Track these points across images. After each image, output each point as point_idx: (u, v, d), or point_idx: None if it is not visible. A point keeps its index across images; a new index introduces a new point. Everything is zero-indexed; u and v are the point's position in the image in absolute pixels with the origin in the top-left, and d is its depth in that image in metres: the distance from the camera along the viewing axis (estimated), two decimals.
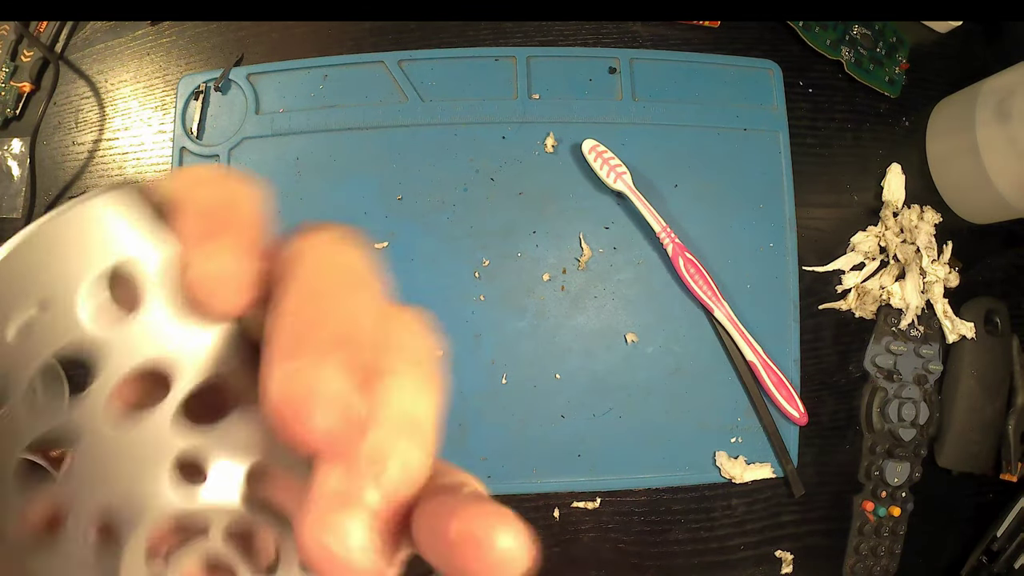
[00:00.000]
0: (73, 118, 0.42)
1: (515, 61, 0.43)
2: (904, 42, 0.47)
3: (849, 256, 0.45)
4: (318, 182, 0.41)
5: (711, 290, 0.41)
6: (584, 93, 0.43)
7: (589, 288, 0.42)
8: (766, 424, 0.42)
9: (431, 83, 0.43)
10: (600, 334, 0.42)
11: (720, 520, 0.43)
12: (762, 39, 0.46)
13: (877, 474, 0.44)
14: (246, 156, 0.41)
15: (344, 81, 0.42)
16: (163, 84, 0.43)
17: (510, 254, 0.42)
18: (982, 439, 0.44)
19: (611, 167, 0.41)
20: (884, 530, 0.43)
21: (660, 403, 0.42)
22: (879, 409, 0.44)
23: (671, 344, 0.42)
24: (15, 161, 0.41)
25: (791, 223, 0.44)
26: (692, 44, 0.45)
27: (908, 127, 0.47)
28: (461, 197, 0.42)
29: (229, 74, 0.41)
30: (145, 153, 0.42)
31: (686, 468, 0.42)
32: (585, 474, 0.41)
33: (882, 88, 0.46)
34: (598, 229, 0.43)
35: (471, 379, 0.41)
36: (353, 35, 0.43)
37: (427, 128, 0.42)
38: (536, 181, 0.42)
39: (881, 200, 0.46)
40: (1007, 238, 0.47)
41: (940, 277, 0.44)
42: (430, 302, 0.41)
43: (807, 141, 0.46)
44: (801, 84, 0.46)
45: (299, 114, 0.42)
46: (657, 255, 0.43)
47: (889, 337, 0.44)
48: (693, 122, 0.44)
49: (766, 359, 0.41)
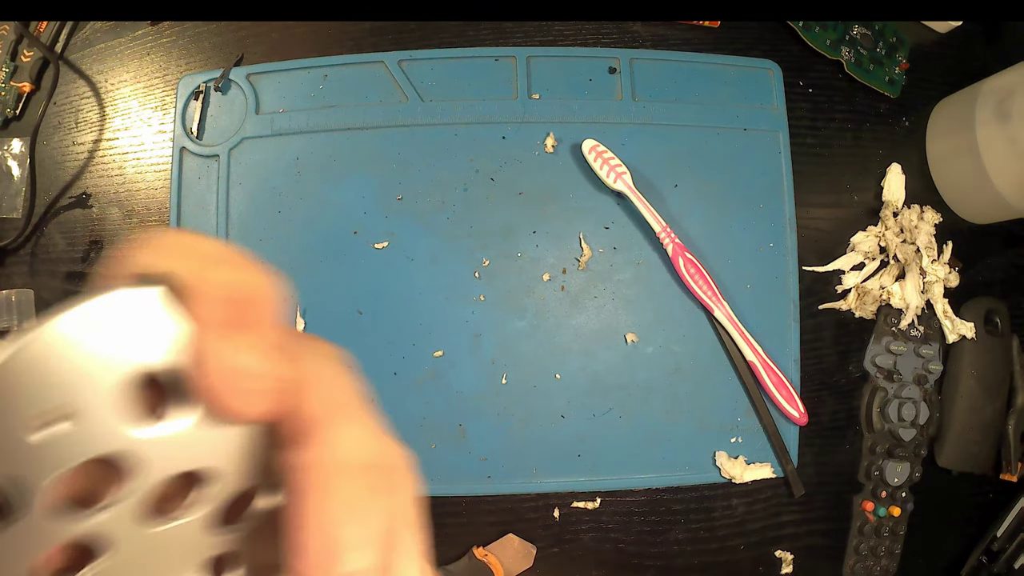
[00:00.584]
0: (73, 118, 0.42)
1: (515, 61, 0.43)
2: (904, 42, 0.47)
3: (849, 256, 0.45)
4: (318, 182, 0.41)
5: (711, 290, 0.41)
6: (584, 93, 0.43)
7: (589, 288, 0.42)
8: (766, 424, 0.42)
9: (431, 83, 0.43)
10: (600, 334, 0.42)
11: (720, 520, 0.43)
12: (762, 39, 0.46)
13: (877, 474, 0.44)
14: (246, 156, 0.41)
15: (344, 81, 0.42)
16: (163, 84, 0.43)
17: (510, 254, 0.42)
18: (982, 439, 0.44)
19: (611, 167, 0.41)
20: (884, 530, 0.43)
21: (660, 403, 0.42)
22: (879, 409, 0.44)
23: (671, 344, 0.42)
24: (15, 161, 0.41)
25: (791, 223, 0.44)
26: (692, 44, 0.45)
27: (908, 127, 0.47)
28: (461, 197, 0.42)
29: (229, 74, 0.41)
30: (145, 153, 0.42)
31: (686, 468, 0.42)
32: (585, 474, 0.41)
33: (882, 88, 0.46)
34: (598, 229, 0.43)
35: (471, 379, 0.41)
36: (353, 35, 0.43)
37: (427, 128, 0.42)
38: (536, 181, 0.42)
39: (881, 200, 0.46)
40: (1007, 238, 0.47)
41: (940, 277, 0.44)
42: (430, 302, 0.41)
43: (807, 141, 0.46)
44: (801, 84, 0.46)
45: (299, 114, 0.42)
46: (657, 255, 0.43)
47: (889, 337, 0.44)
48: (693, 122, 0.44)
49: (766, 359, 0.41)
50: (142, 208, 0.42)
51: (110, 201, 0.42)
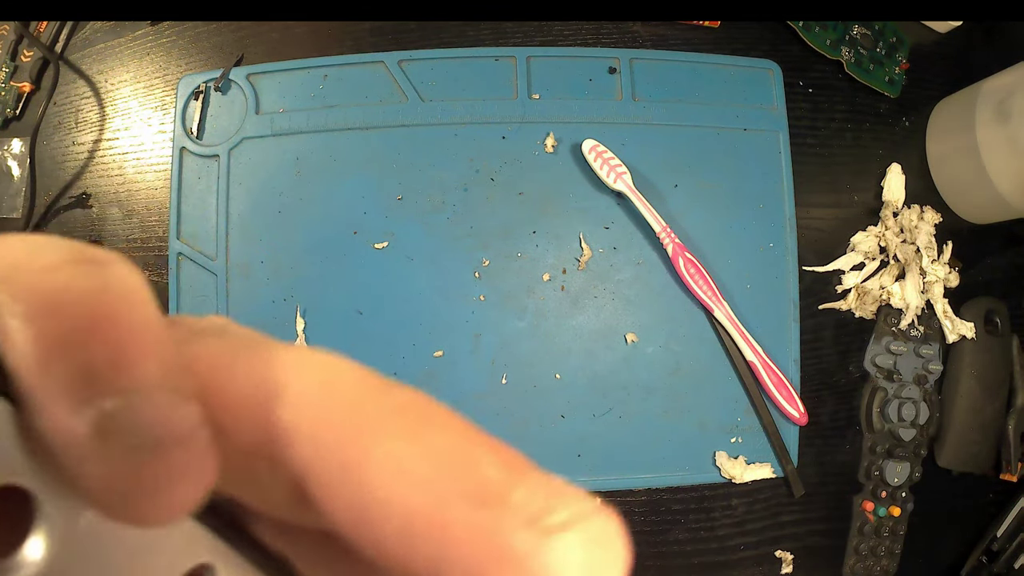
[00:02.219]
0: (73, 118, 0.42)
1: (515, 61, 0.43)
2: (904, 42, 0.47)
3: (849, 256, 0.45)
4: (318, 182, 0.41)
5: (711, 290, 0.41)
6: (584, 93, 0.43)
7: (589, 288, 0.42)
8: (766, 424, 0.42)
9: (431, 83, 0.43)
10: (600, 334, 0.42)
11: (720, 520, 0.43)
12: (762, 39, 0.46)
13: (877, 474, 0.44)
14: (246, 156, 0.41)
15: (344, 81, 0.42)
16: (163, 84, 0.43)
17: (510, 254, 0.42)
18: (982, 439, 0.44)
19: (611, 167, 0.41)
20: (884, 530, 0.43)
21: (660, 403, 0.42)
22: (879, 409, 0.44)
23: (671, 344, 0.42)
24: (15, 161, 0.41)
25: (791, 223, 0.44)
26: (692, 44, 0.45)
27: (908, 127, 0.47)
28: (461, 197, 0.42)
29: (229, 74, 0.41)
30: (145, 153, 0.42)
31: (686, 468, 0.42)
32: (585, 474, 0.41)
33: (882, 88, 0.46)
34: (598, 229, 0.43)
35: (471, 379, 0.41)
36: (353, 35, 0.43)
37: (427, 128, 0.42)
38: (536, 181, 0.42)
39: (881, 200, 0.46)
40: (1007, 238, 0.47)
41: (940, 277, 0.44)
42: (430, 302, 0.41)
43: (807, 141, 0.46)
44: (801, 84, 0.46)
45: (299, 114, 0.42)
46: (657, 255, 0.43)
47: (889, 337, 0.44)
48: (693, 122, 0.44)
49: (766, 359, 0.41)
50: (142, 208, 0.42)
51: (110, 201, 0.42)
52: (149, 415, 0.07)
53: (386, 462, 0.07)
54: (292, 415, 0.08)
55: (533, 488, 0.07)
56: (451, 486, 0.07)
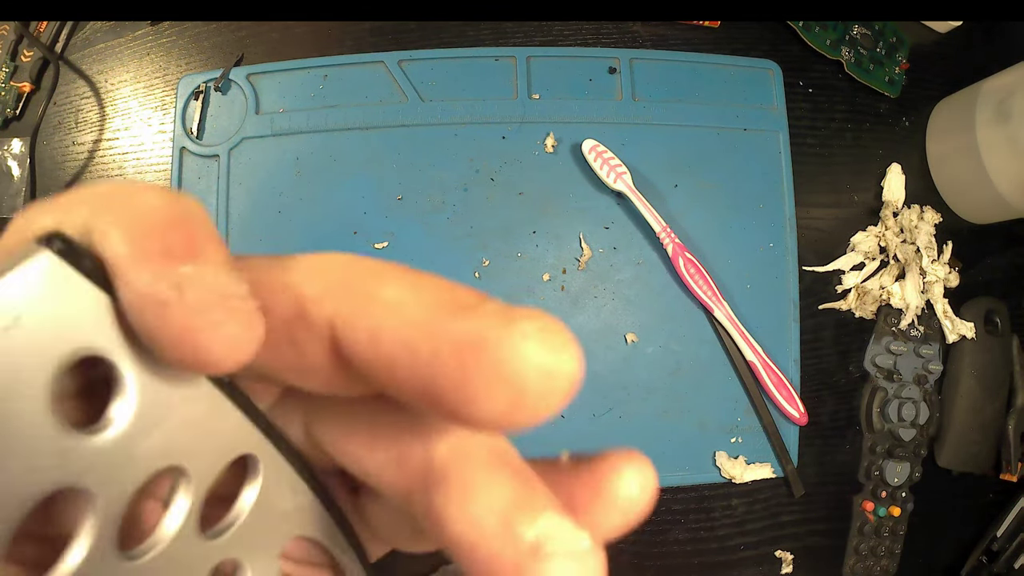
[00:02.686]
0: (73, 118, 0.42)
1: (515, 61, 0.43)
2: (904, 42, 0.47)
3: (849, 256, 0.45)
4: (318, 182, 0.41)
5: (711, 290, 0.41)
6: (584, 93, 0.43)
7: (589, 288, 0.42)
8: (766, 424, 0.42)
9: (431, 83, 0.43)
10: (600, 334, 0.42)
11: (720, 520, 0.43)
12: (762, 39, 0.46)
13: (877, 474, 0.44)
14: (246, 156, 0.41)
15: (344, 81, 0.42)
16: (163, 84, 0.43)
17: (510, 254, 0.42)
18: (982, 439, 0.44)
19: (611, 167, 0.41)
20: (884, 530, 0.43)
21: (660, 403, 0.42)
22: (879, 409, 0.44)
23: (671, 344, 0.42)
24: (15, 161, 0.41)
25: (791, 223, 0.44)
26: (692, 44, 0.45)
27: (908, 127, 0.47)
28: (461, 197, 0.42)
29: (229, 74, 0.41)
30: (145, 153, 0.42)
31: (686, 468, 0.42)
32: None
33: (882, 88, 0.46)
34: (598, 229, 0.43)
35: None
36: (353, 35, 0.43)
37: (427, 128, 0.42)
38: (536, 181, 0.42)
39: (881, 200, 0.46)
40: (1007, 238, 0.47)
41: (940, 277, 0.44)
42: None
43: (807, 141, 0.46)
44: (801, 84, 0.46)
45: (299, 114, 0.42)
46: (657, 255, 0.43)
47: (889, 337, 0.44)
48: (693, 122, 0.44)
49: (766, 359, 0.41)
50: None
51: None
52: (214, 278, 0.09)
53: (389, 299, 0.10)
54: (316, 288, 0.10)
55: (499, 303, 0.10)
56: (437, 307, 0.09)
